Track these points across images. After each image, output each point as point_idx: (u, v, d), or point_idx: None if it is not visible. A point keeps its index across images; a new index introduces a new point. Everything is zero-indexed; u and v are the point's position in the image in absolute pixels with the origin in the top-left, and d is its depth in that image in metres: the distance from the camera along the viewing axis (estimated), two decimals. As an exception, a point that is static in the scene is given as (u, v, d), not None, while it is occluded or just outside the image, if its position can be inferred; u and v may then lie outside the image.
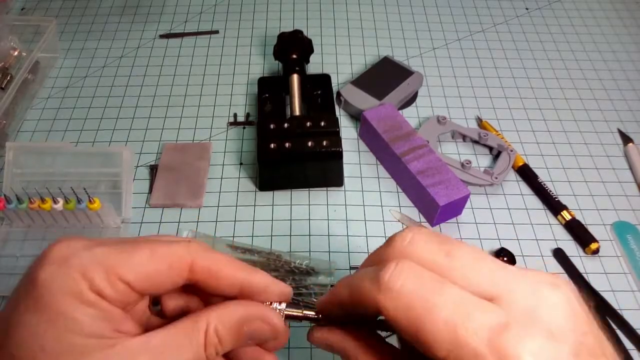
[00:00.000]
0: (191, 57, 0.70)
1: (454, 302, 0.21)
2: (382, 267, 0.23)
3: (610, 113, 0.65)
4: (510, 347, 0.20)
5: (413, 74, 0.64)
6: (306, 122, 0.53)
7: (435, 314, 0.21)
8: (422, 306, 0.22)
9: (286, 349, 0.44)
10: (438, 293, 0.22)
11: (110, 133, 0.60)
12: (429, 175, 0.52)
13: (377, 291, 0.23)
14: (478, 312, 0.21)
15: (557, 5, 0.80)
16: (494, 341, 0.20)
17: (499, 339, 0.20)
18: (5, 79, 0.62)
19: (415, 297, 0.22)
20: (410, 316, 0.22)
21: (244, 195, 0.55)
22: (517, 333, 0.20)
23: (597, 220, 0.54)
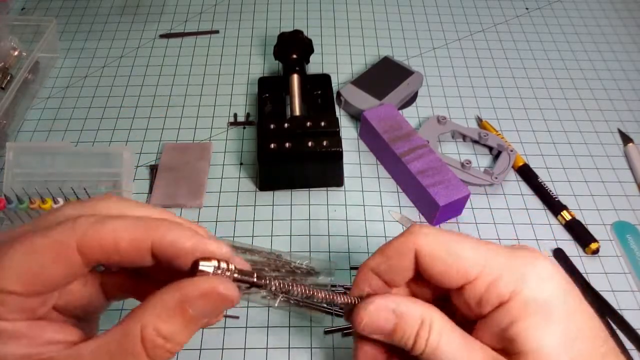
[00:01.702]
0: (191, 57, 0.70)
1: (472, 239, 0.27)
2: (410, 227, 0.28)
3: (610, 113, 0.65)
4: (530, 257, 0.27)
5: (413, 74, 0.64)
6: (306, 122, 0.53)
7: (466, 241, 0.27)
8: (453, 238, 0.27)
9: (286, 349, 0.44)
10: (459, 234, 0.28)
11: (110, 133, 0.60)
12: (429, 175, 0.52)
13: (412, 235, 0.27)
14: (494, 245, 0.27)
15: (557, 5, 0.80)
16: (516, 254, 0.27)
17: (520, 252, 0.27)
18: (6, 79, 0.62)
19: (445, 234, 0.27)
20: (445, 245, 0.27)
21: (244, 195, 0.55)
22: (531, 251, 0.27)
23: (597, 220, 0.54)
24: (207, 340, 0.44)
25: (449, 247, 0.27)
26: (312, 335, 0.45)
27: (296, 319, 0.46)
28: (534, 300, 0.25)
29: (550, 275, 0.26)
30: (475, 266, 0.26)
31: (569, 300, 0.26)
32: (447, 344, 0.27)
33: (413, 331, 0.27)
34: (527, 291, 0.26)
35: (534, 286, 0.26)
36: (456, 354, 0.26)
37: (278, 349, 0.44)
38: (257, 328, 0.45)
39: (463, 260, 0.26)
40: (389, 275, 0.29)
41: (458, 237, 0.28)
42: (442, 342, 0.27)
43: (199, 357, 0.43)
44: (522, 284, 0.26)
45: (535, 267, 0.26)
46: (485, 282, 0.26)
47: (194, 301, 0.21)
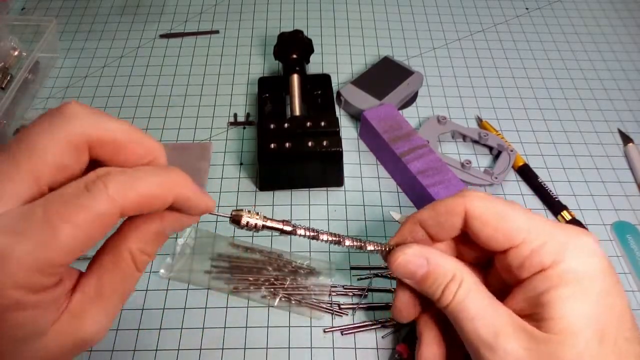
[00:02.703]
0: (191, 57, 0.70)
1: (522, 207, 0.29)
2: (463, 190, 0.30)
3: (610, 113, 0.65)
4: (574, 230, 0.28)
5: (413, 74, 0.64)
6: (306, 122, 0.53)
7: (515, 207, 0.28)
8: (504, 203, 0.29)
9: (286, 349, 0.44)
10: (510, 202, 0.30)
11: (110, 133, 0.60)
12: (429, 175, 0.52)
13: (463, 197, 0.29)
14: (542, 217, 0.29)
15: (557, 5, 0.80)
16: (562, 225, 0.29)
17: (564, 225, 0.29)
18: (6, 79, 0.62)
19: (496, 199, 0.29)
20: (495, 208, 0.28)
21: (244, 195, 0.55)
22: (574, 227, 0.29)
23: (597, 220, 0.54)
24: (207, 340, 0.44)
25: (499, 211, 0.29)
26: (312, 335, 0.45)
27: (296, 319, 0.46)
28: (573, 271, 0.27)
29: (593, 251, 0.27)
30: (521, 231, 0.28)
31: (606, 279, 0.27)
32: (473, 301, 0.28)
33: (443, 282, 0.29)
34: (568, 262, 0.27)
35: (575, 259, 0.27)
36: (481, 312, 0.28)
37: (278, 349, 0.44)
38: (257, 328, 0.45)
39: (511, 224, 0.28)
40: (436, 229, 0.31)
41: (508, 204, 0.29)
42: (469, 298, 0.28)
43: (199, 357, 0.43)
44: (564, 254, 0.27)
45: (579, 241, 0.28)
46: (530, 248, 0.28)
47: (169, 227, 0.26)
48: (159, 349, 0.44)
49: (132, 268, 0.25)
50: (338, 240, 0.32)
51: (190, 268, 0.48)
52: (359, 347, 0.44)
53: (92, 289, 0.24)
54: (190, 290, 0.47)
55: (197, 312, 0.46)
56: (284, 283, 0.47)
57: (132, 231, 0.25)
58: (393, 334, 0.45)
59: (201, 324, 0.45)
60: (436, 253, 0.30)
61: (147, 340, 0.44)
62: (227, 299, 0.47)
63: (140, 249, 0.25)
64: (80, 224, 0.21)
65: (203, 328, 0.45)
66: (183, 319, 0.45)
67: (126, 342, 0.44)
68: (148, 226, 0.25)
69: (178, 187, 0.25)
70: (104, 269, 0.25)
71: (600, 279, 0.27)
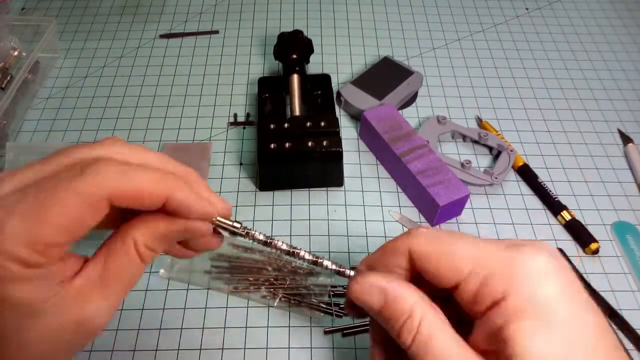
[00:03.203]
0: (191, 57, 0.70)
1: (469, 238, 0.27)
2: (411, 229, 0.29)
3: (610, 113, 0.65)
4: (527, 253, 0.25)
5: (413, 74, 0.64)
6: (306, 122, 0.53)
7: (459, 239, 0.27)
8: (446, 236, 0.27)
9: (286, 349, 0.44)
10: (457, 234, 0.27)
11: (110, 133, 0.60)
12: (429, 175, 0.52)
13: (407, 236, 0.28)
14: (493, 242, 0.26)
15: (557, 5, 0.80)
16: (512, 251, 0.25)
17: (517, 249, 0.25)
18: (6, 79, 0.62)
19: (440, 234, 0.28)
20: (437, 244, 0.27)
21: (244, 195, 0.55)
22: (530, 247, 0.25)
23: (597, 220, 0.54)
24: (207, 340, 0.44)
25: (440, 246, 0.27)
26: (312, 335, 0.45)
27: (296, 319, 0.46)
28: (529, 300, 0.24)
29: (552, 272, 0.24)
30: (466, 264, 0.25)
31: (572, 301, 0.24)
32: (436, 345, 0.25)
33: (399, 319, 0.26)
34: (522, 290, 0.24)
35: (531, 285, 0.24)
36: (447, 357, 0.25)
37: (278, 349, 0.44)
38: (257, 328, 0.45)
39: (454, 257, 0.26)
40: (384, 270, 0.29)
41: (452, 236, 0.27)
42: (433, 342, 0.25)
43: (199, 357, 0.43)
44: (517, 282, 0.24)
45: (534, 263, 0.25)
46: (478, 280, 0.25)
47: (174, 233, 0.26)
48: (159, 349, 0.44)
49: (136, 257, 0.26)
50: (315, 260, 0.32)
51: (190, 268, 0.48)
52: (359, 348, 0.44)
53: (95, 272, 0.25)
54: (190, 290, 0.47)
55: (197, 312, 0.46)
56: (283, 283, 0.47)
57: (141, 224, 0.26)
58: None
59: (201, 324, 0.45)
60: (398, 284, 0.27)
61: (147, 340, 0.44)
62: (227, 299, 0.47)
63: (145, 243, 0.26)
64: (68, 204, 0.22)
65: (203, 328, 0.45)
66: (183, 319, 0.45)
67: (126, 342, 0.44)
68: (156, 224, 0.26)
69: (172, 187, 0.25)
70: (110, 254, 0.26)
71: (564, 302, 0.24)
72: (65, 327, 0.24)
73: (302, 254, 0.31)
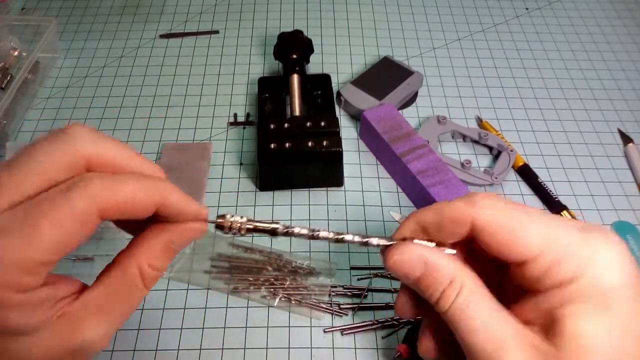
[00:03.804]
0: (191, 57, 0.70)
1: (541, 213, 0.26)
2: (469, 194, 0.27)
3: (610, 113, 0.65)
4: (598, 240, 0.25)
5: (413, 74, 0.64)
6: (306, 122, 0.53)
7: (530, 217, 0.26)
8: (516, 213, 0.26)
9: (286, 349, 0.44)
10: (526, 208, 0.26)
11: (110, 133, 0.60)
12: (429, 175, 0.52)
13: (471, 206, 0.26)
14: (564, 220, 0.26)
15: (557, 5, 0.80)
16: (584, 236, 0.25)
17: (588, 234, 0.25)
18: (6, 79, 0.62)
19: (508, 208, 0.26)
20: (506, 220, 0.26)
21: (244, 195, 0.55)
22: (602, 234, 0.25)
23: (597, 220, 0.54)
24: (207, 340, 0.44)
25: (511, 221, 0.26)
26: (312, 335, 0.45)
27: (296, 319, 0.46)
28: (594, 286, 0.24)
29: (620, 263, 0.25)
30: (537, 246, 0.25)
31: (635, 294, 0.24)
32: (474, 310, 0.26)
33: (440, 287, 0.27)
34: (589, 276, 0.24)
35: (598, 273, 0.24)
36: (482, 323, 0.25)
37: (278, 349, 0.44)
38: (257, 328, 0.45)
39: (524, 239, 0.25)
40: (437, 234, 0.28)
41: (522, 212, 0.26)
42: (469, 307, 0.26)
43: (199, 357, 0.43)
44: (586, 268, 0.24)
45: (604, 252, 0.25)
46: (547, 262, 0.25)
47: (177, 240, 0.26)
48: (159, 349, 0.44)
49: (138, 283, 0.25)
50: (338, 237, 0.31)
51: (190, 268, 0.48)
52: (359, 348, 0.44)
53: (94, 299, 0.25)
54: (190, 290, 0.47)
55: (197, 312, 0.46)
56: (284, 283, 0.47)
57: (141, 245, 0.26)
58: (393, 334, 0.45)
59: (201, 324, 0.45)
60: (435, 254, 0.27)
61: (147, 340, 0.44)
62: (227, 299, 0.47)
63: (149, 263, 0.25)
64: (59, 222, 0.22)
65: (203, 328, 0.45)
66: (183, 319, 0.45)
67: (126, 342, 0.44)
68: (155, 239, 0.26)
69: (160, 192, 0.25)
70: (110, 281, 0.25)
71: (625, 292, 0.24)
72: (53, 350, 0.24)
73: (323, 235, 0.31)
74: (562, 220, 0.26)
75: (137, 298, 0.26)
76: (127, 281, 0.25)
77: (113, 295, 0.25)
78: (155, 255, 0.26)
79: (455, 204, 0.27)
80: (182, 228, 0.27)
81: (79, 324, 0.24)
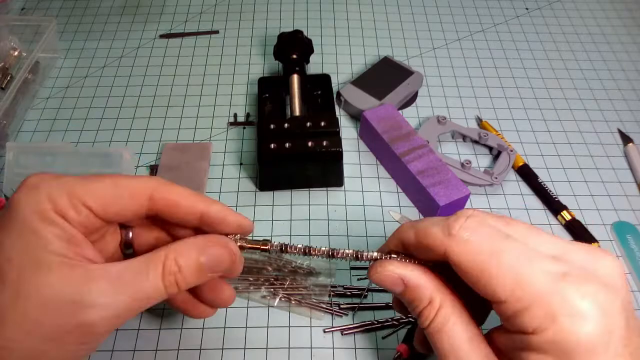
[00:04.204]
0: (191, 57, 0.70)
1: (518, 250, 0.24)
2: (452, 218, 0.26)
3: (610, 113, 0.65)
4: (570, 290, 0.23)
5: (413, 74, 0.64)
6: (306, 122, 0.53)
7: (502, 258, 0.24)
8: (489, 251, 0.25)
9: (286, 349, 0.44)
10: (504, 242, 0.25)
11: (110, 133, 0.60)
12: (429, 175, 0.52)
13: (446, 237, 0.26)
14: (540, 261, 0.24)
15: (557, 5, 0.80)
16: (555, 284, 0.23)
17: (560, 283, 0.23)
18: (6, 79, 0.62)
19: (483, 244, 0.25)
20: (477, 260, 0.25)
21: (244, 195, 0.55)
22: (577, 280, 0.23)
23: (597, 220, 0.54)
24: (207, 340, 0.44)
25: (481, 264, 0.25)
26: (312, 335, 0.45)
27: (296, 319, 0.46)
28: (558, 342, 0.23)
29: (593, 314, 0.23)
30: (505, 290, 0.24)
31: (611, 345, 0.23)
32: (449, 334, 0.26)
33: (419, 305, 0.28)
34: (553, 331, 0.23)
35: (565, 327, 0.23)
36: (455, 350, 0.26)
37: (278, 349, 0.44)
38: (257, 328, 0.45)
39: (492, 281, 0.24)
40: (417, 253, 0.29)
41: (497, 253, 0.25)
42: (444, 330, 0.26)
43: (199, 357, 0.43)
44: (551, 322, 0.23)
45: (574, 303, 0.23)
46: (515, 308, 0.24)
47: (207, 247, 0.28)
48: (159, 349, 0.44)
49: (158, 269, 0.27)
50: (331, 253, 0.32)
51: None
52: (359, 348, 0.44)
53: (115, 269, 0.26)
54: (190, 290, 0.47)
55: (197, 312, 0.46)
56: (283, 283, 0.47)
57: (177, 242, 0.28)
58: (393, 334, 0.45)
59: (201, 324, 0.45)
60: (415, 274, 0.27)
61: (147, 340, 0.44)
62: (227, 299, 0.47)
63: (176, 257, 0.27)
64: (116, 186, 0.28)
65: (203, 328, 0.45)
66: (183, 319, 0.45)
67: (126, 342, 0.44)
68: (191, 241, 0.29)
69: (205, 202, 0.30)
70: (137, 260, 0.27)
71: (601, 347, 0.22)
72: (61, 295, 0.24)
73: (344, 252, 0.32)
74: (539, 260, 0.24)
75: (152, 286, 0.26)
76: (149, 262, 0.27)
77: (131, 271, 0.26)
78: (183, 253, 0.28)
79: (432, 232, 0.26)
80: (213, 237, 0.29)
81: (92, 281, 0.25)
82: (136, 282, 0.26)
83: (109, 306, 0.25)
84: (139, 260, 0.27)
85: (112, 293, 0.25)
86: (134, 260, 0.27)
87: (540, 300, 0.23)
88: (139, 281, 0.26)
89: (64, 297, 0.24)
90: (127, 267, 0.26)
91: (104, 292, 0.25)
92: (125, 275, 0.26)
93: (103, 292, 0.25)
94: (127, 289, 0.26)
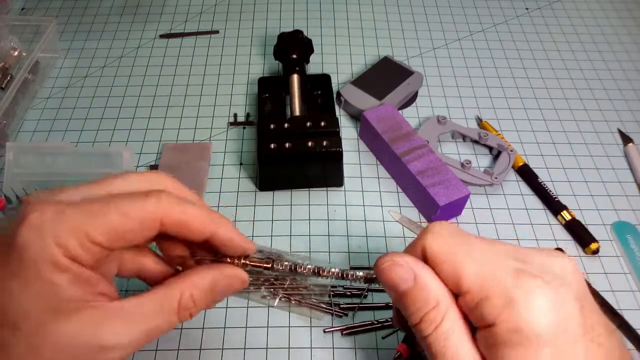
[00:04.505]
0: (191, 57, 0.70)
1: (484, 247, 0.27)
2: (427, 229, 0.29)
3: (610, 113, 0.65)
4: (527, 281, 0.25)
5: (413, 74, 0.64)
6: (306, 122, 0.53)
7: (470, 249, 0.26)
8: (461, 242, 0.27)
9: (286, 349, 0.44)
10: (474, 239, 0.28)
11: (110, 133, 0.60)
12: (429, 175, 0.52)
13: (426, 233, 0.28)
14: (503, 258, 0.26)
15: (557, 5, 0.80)
16: (515, 278, 0.25)
17: (519, 276, 0.25)
18: (6, 79, 0.62)
19: (455, 240, 0.27)
20: (450, 252, 0.27)
21: (244, 195, 0.55)
22: (534, 275, 0.25)
23: (597, 220, 0.54)
24: (207, 340, 0.44)
25: (450, 256, 0.26)
26: (312, 335, 0.45)
27: (296, 319, 0.46)
28: (519, 330, 0.24)
29: (553, 303, 0.24)
30: (466, 281, 0.26)
31: (569, 330, 0.24)
32: (455, 344, 0.26)
33: (424, 308, 0.26)
34: (513, 319, 0.24)
35: (524, 315, 0.24)
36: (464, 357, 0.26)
37: (278, 349, 0.44)
38: (257, 328, 0.45)
39: (458, 271, 0.26)
40: None
41: (467, 243, 0.27)
42: (450, 339, 0.26)
43: (199, 357, 0.43)
44: (510, 310, 0.24)
45: (532, 293, 0.24)
46: (474, 300, 0.25)
47: (221, 280, 0.29)
48: (159, 349, 0.44)
49: (174, 306, 0.27)
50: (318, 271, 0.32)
51: (190, 268, 0.48)
52: (359, 348, 0.44)
53: (130, 306, 0.26)
54: (190, 290, 0.47)
55: (197, 312, 0.46)
56: (283, 283, 0.47)
57: (190, 275, 0.28)
58: (393, 334, 0.45)
59: (201, 324, 0.45)
60: (428, 273, 0.27)
61: (147, 340, 0.44)
62: (227, 299, 0.47)
63: (191, 292, 0.27)
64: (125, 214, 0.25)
65: (203, 328, 0.45)
66: (183, 319, 0.45)
67: (126, 342, 0.44)
68: (204, 273, 0.29)
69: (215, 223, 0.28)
70: (151, 296, 0.27)
71: (561, 335, 0.24)
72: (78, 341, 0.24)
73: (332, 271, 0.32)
74: (502, 258, 0.26)
75: (166, 321, 0.27)
76: (165, 300, 0.27)
77: (147, 309, 0.26)
78: (198, 287, 0.28)
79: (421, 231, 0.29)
80: (226, 269, 0.30)
81: (107, 322, 0.25)
82: (151, 320, 0.26)
83: (124, 346, 0.25)
84: (155, 296, 0.27)
85: (127, 332, 0.25)
86: (149, 295, 0.27)
87: (500, 290, 0.25)
88: (154, 319, 0.26)
89: (81, 343, 0.24)
90: (142, 304, 0.26)
91: (120, 333, 0.25)
92: (140, 311, 0.26)
93: (119, 333, 0.25)
94: (142, 327, 0.26)
